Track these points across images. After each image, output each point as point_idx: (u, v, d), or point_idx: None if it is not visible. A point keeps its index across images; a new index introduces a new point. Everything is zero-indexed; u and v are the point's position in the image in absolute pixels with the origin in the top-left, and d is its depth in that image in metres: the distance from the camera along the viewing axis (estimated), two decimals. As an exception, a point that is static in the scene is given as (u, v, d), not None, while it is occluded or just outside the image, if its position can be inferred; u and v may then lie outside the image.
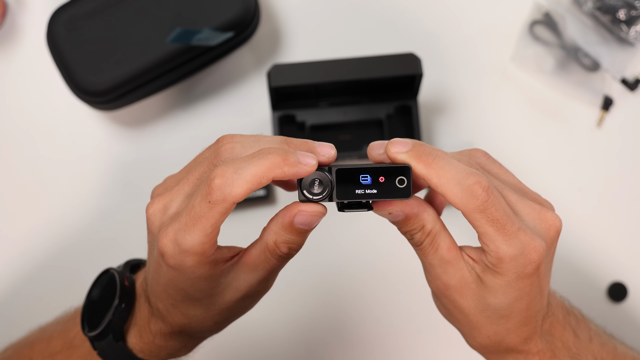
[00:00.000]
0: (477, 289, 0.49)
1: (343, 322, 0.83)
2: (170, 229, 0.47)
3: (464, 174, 0.45)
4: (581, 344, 0.54)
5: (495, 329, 0.50)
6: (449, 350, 0.82)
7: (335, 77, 0.77)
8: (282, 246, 0.49)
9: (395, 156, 0.46)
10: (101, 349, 0.55)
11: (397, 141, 0.47)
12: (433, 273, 0.50)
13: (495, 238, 0.46)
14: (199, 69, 0.81)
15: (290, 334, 0.83)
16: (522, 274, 0.47)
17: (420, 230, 0.48)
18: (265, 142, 0.47)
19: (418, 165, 0.46)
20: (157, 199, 0.49)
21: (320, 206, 0.47)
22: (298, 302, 0.83)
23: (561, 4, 0.86)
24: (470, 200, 0.45)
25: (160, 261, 0.48)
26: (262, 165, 0.45)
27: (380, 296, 0.83)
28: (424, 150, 0.46)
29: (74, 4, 0.78)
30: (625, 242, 0.84)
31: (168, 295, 0.51)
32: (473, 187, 0.45)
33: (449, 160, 0.46)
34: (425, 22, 0.87)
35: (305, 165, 0.46)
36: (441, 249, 0.49)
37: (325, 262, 0.84)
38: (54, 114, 0.86)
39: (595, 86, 0.85)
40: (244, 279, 0.50)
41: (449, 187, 0.45)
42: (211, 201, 0.45)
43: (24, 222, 0.84)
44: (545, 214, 0.49)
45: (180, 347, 0.56)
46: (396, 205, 0.48)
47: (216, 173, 0.44)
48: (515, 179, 0.52)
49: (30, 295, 0.83)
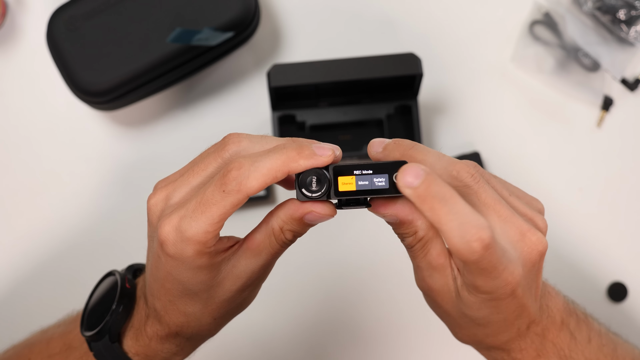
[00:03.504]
0: (456, 299, 0.50)
1: (343, 322, 0.83)
2: (174, 215, 0.47)
3: (467, 226, 0.43)
4: (577, 345, 0.54)
5: (475, 331, 0.51)
6: (450, 350, 0.82)
7: (335, 77, 0.77)
8: (287, 233, 0.49)
9: (403, 190, 0.44)
10: (97, 350, 0.55)
11: (408, 171, 0.43)
12: (419, 274, 0.51)
13: (477, 277, 0.46)
14: (199, 69, 0.81)
15: (290, 334, 0.83)
16: (495, 297, 0.47)
17: (412, 235, 0.49)
18: (273, 140, 0.48)
19: (422, 206, 0.44)
20: (160, 190, 0.49)
21: (331, 209, 0.48)
22: (298, 302, 0.83)
23: (561, 4, 0.86)
24: (467, 254, 0.44)
25: (160, 252, 0.48)
26: (278, 159, 0.45)
27: (380, 296, 0.83)
28: (431, 193, 0.43)
29: (74, 4, 0.78)
30: (625, 242, 0.84)
31: (166, 291, 0.51)
32: (473, 244, 0.43)
33: (454, 206, 0.44)
34: (425, 22, 0.87)
35: (322, 155, 0.46)
36: (430, 255, 0.49)
37: (326, 262, 0.84)
38: (54, 114, 0.86)
39: (595, 86, 0.85)
40: (245, 264, 0.50)
41: (450, 236, 0.44)
42: (225, 190, 0.45)
43: (24, 223, 0.84)
44: (530, 236, 0.47)
45: (176, 351, 0.56)
46: (392, 210, 0.48)
47: (233, 165, 0.45)
48: (506, 192, 0.50)
49: (31, 295, 0.83)
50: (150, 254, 0.51)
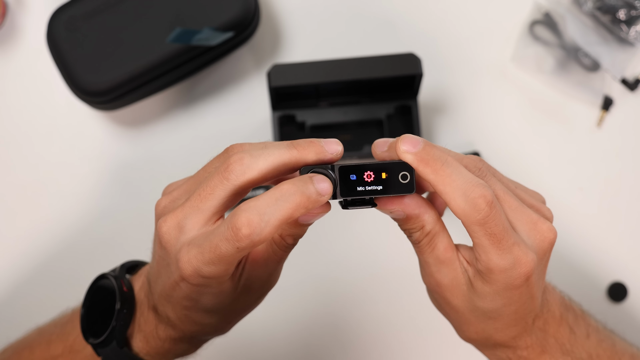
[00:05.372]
0: (467, 291, 0.50)
1: (343, 324, 0.83)
2: (193, 258, 0.46)
3: (470, 185, 0.45)
4: (577, 340, 0.55)
5: (484, 327, 0.51)
6: (449, 353, 0.82)
7: (335, 77, 0.77)
8: (287, 238, 0.50)
9: (404, 155, 0.46)
10: (105, 355, 0.55)
11: (407, 139, 0.46)
12: (427, 270, 0.51)
13: (489, 250, 0.46)
14: (199, 69, 0.81)
15: (290, 335, 0.83)
16: (511, 285, 0.48)
17: (419, 230, 0.49)
18: (272, 147, 0.47)
19: (425, 169, 0.46)
20: (169, 216, 0.48)
21: (324, 206, 0.47)
22: (298, 303, 0.83)
23: (561, 4, 0.86)
24: (472, 213, 0.45)
25: (179, 281, 0.48)
26: (288, 209, 0.44)
27: (379, 299, 0.83)
28: (433, 155, 0.46)
29: (74, 4, 0.78)
30: (625, 242, 0.84)
31: (183, 307, 0.51)
32: (477, 201, 0.45)
33: (457, 168, 0.46)
34: (425, 22, 0.87)
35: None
36: (438, 249, 0.49)
37: (325, 264, 0.84)
38: (54, 113, 0.86)
39: (595, 86, 0.85)
40: (256, 277, 0.51)
41: (453, 197, 0.45)
42: (239, 247, 0.44)
43: (23, 222, 0.84)
44: (541, 225, 0.49)
45: (188, 348, 0.56)
46: (398, 205, 0.48)
47: (242, 222, 0.44)
48: (512, 184, 0.51)
49: (30, 295, 0.83)
50: (162, 274, 0.51)
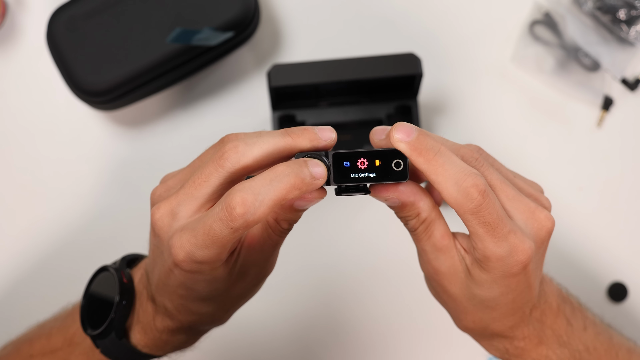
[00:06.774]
0: (465, 279, 0.50)
1: (342, 322, 0.83)
2: (185, 242, 0.46)
3: (462, 174, 0.45)
4: (573, 332, 0.55)
5: (481, 316, 0.51)
6: (447, 350, 0.82)
7: (335, 77, 0.77)
8: (282, 223, 0.50)
9: (397, 144, 0.46)
10: (104, 347, 0.56)
11: (400, 128, 0.46)
12: (425, 258, 0.51)
13: (485, 239, 0.46)
14: (199, 69, 0.81)
15: (289, 333, 0.83)
16: (508, 273, 0.48)
17: (415, 217, 0.49)
18: (267, 135, 0.47)
19: (418, 159, 0.46)
20: (163, 203, 0.49)
21: (320, 192, 0.47)
22: (297, 301, 0.83)
23: (561, 4, 0.86)
24: (465, 202, 0.45)
25: (173, 267, 0.48)
26: (282, 189, 0.44)
27: (378, 296, 0.83)
28: (426, 144, 0.46)
29: (74, 4, 0.78)
30: (625, 242, 0.84)
31: (179, 296, 0.51)
32: (469, 190, 0.45)
33: (449, 157, 0.46)
34: (425, 22, 0.87)
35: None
36: (434, 236, 0.49)
37: (324, 262, 0.84)
38: (53, 113, 0.86)
39: (595, 86, 0.85)
40: (252, 262, 0.51)
41: (446, 186, 0.46)
42: (233, 227, 0.44)
43: (23, 221, 0.84)
44: (539, 214, 0.49)
45: (186, 339, 0.56)
46: (392, 193, 0.48)
47: (236, 201, 0.44)
48: (510, 174, 0.52)
49: (29, 293, 0.83)
50: (157, 262, 0.51)
